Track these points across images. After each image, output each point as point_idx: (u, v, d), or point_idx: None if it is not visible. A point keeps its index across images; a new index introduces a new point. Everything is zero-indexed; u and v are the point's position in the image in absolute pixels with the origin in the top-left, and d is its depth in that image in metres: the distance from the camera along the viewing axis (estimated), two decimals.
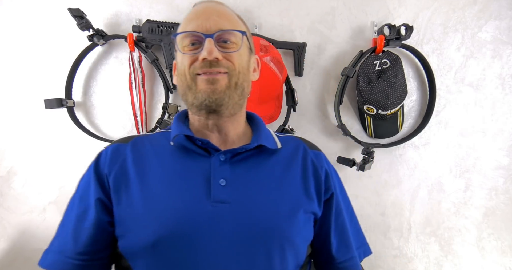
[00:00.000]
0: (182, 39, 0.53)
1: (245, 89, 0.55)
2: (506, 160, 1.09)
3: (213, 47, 0.50)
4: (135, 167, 0.53)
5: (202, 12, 0.53)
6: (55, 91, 1.00)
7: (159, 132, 0.63)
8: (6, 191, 1.04)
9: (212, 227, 0.47)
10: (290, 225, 0.52)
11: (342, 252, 0.60)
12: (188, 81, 0.52)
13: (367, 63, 1.00)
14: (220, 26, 0.52)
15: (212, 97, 0.51)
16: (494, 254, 1.11)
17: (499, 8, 1.04)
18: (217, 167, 0.52)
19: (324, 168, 0.60)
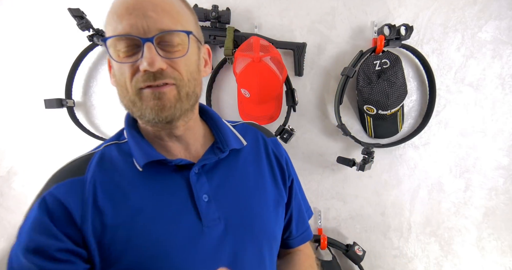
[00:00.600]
0: (114, 42, 0.43)
1: (198, 94, 0.49)
2: (506, 160, 1.09)
3: (154, 56, 0.41)
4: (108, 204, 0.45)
5: (134, 6, 0.42)
6: (55, 91, 1.00)
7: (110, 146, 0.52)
8: (6, 191, 1.04)
9: (211, 248, 0.47)
10: (274, 224, 0.55)
11: (299, 227, 0.63)
12: (131, 96, 0.44)
13: (367, 63, 1.00)
14: (159, 25, 0.42)
15: (162, 115, 0.44)
16: (494, 254, 1.11)
17: (499, 8, 1.04)
18: (196, 183, 0.49)
19: (284, 156, 0.61)
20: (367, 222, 1.10)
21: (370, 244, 1.11)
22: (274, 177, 0.58)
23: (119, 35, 0.42)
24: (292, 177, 0.61)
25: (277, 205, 0.57)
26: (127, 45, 0.43)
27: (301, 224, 0.64)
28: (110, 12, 0.44)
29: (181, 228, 0.46)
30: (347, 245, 1.05)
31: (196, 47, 0.48)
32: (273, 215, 0.55)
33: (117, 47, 0.43)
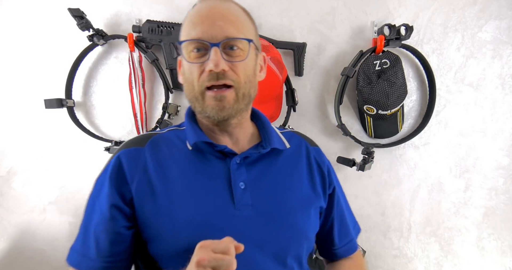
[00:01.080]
0: (187, 45, 0.52)
1: (252, 95, 0.57)
2: (506, 160, 1.09)
3: (219, 59, 0.49)
4: (156, 173, 0.53)
5: (206, 16, 0.52)
6: (55, 91, 1.00)
7: (171, 131, 0.62)
8: (6, 191, 1.04)
9: (239, 229, 0.51)
10: (306, 222, 0.58)
11: (342, 237, 0.67)
12: (196, 93, 0.53)
13: (367, 63, 1.00)
14: (226, 33, 0.50)
15: (221, 114, 0.52)
16: (494, 254, 1.11)
17: (499, 8, 1.04)
18: (235, 171, 0.55)
19: (326, 165, 0.65)
20: (367, 222, 1.10)
21: (370, 244, 1.11)
22: (313, 181, 0.62)
23: (192, 39, 0.51)
24: (334, 186, 0.65)
25: (310, 206, 0.60)
26: (196, 47, 0.51)
27: (344, 234, 0.67)
28: (187, 20, 0.55)
29: (215, 204, 0.52)
30: None
31: (254, 54, 0.56)
32: (305, 214, 0.58)
33: (188, 48, 0.52)
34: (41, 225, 1.05)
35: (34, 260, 1.05)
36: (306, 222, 0.58)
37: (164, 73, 0.99)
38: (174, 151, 0.57)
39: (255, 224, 0.52)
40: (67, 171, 1.04)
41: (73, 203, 1.05)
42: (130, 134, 1.04)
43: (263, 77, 0.62)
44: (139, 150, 0.56)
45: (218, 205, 0.52)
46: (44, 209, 1.05)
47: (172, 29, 0.97)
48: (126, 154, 0.55)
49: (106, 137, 1.03)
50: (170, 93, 1.01)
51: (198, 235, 0.48)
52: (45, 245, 1.05)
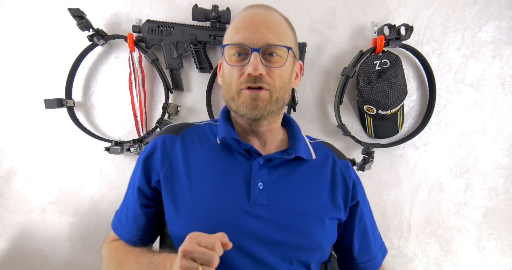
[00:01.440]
0: (229, 49, 0.56)
1: (285, 100, 0.59)
2: (506, 160, 1.09)
3: (258, 63, 0.52)
4: (183, 162, 0.58)
5: (250, 22, 0.55)
6: (55, 91, 1.00)
7: (207, 124, 0.66)
8: (6, 191, 1.04)
9: (251, 226, 0.53)
10: (319, 231, 0.58)
11: (362, 254, 0.66)
12: (233, 93, 0.56)
13: (367, 63, 1.00)
14: (267, 40, 0.53)
15: (253, 112, 0.55)
16: (494, 254, 1.11)
17: (499, 8, 1.04)
18: (257, 171, 0.57)
19: (352, 179, 0.66)
20: None
21: None
22: (334, 193, 0.62)
23: (234, 43, 0.54)
24: (358, 200, 0.65)
25: (325, 216, 0.60)
26: (237, 51, 0.55)
27: (365, 250, 0.67)
28: (231, 26, 0.58)
29: (231, 198, 0.55)
30: None
31: (292, 61, 0.59)
32: (319, 223, 0.59)
33: (230, 51, 0.55)
34: (41, 225, 1.05)
35: (34, 260, 1.05)
36: (320, 231, 0.58)
37: (164, 73, 0.99)
38: (204, 143, 0.61)
39: (267, 224, 0.54)
40: (67, 171, 1.04)
41: (73, 203, 1.05)
42: (130, 134, 1.04)
43: (297, 84, 0.64)
44: (173, 138, 0.61)
45: (234, 200, 0.55)
46: (44, 209, 1.05)
47: (172, 29, 0.97)
48: (162, 140, 0.61)
49: (106, 137, 1.03)
50: (170, 93, 1.01)
51: (211, 225, 0.52)
52: (45, 245, 1.05)
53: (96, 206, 1.06)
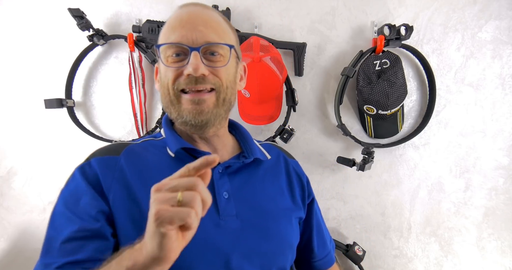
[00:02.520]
0: (165, 49, 0.50)
1: (232, 102, 0.55)
2: (506, 160, 1.09)
3: (199, 63, 0.47)
4: (136, 182, 0.50)
5: (186, 20, 0.50)
6: (55, 91, 1.00)
7: (146, 142, 0.59)
8: (6, 191, 1.04)
9: (226, 240, 0.49)
10: (289, 231, 0.57)
11: (321, 249, 0.66)
12: (171, 97, 0.50)
13: (367, 63, 1.00)
14: (206, 38, 0.49)
15: (198, 118, 0.50)
16: (494, 254, 1.11)
17: (499, 8, 1.04)
18: (218, 180, 0.53)
19: (305, 176, 0.66)
20: (367, 222, 1.10)
21: (370, 244, 1.11)
22: (292, 192, 0.62)
23: (171, 43, 0.49)
24: (313, 196, 0.66)
25: (291, 216, 0.60)
26: (175, 51, 0.49)
27: (322, 245, 0.67)
28: (166, 25, 0.52)
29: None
30: (347, 245, 1.05)
31: (235, 61, 0.55)
32: (288, 223, 0.58)
33: (167, 52, 0.50)
34: (41, 225, 1.05)
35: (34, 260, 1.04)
36: (289, 231, 0.58)
37: None
38: (155, 159, 0.53)
39: (241, 234, 0.51)
40: (67, 171, 1.03)
41: None
42: (130, 134, 1.04)
43: (243, 86, 0.60)
44: (114, 159, 0.52)
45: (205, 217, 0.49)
46: (44, 209, 1.05)
47: None
48: (99, 162, 0.51)
49: (106, 137, 1.03)
50: None
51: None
52: None
53: None
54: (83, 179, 0.49)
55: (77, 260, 0.44)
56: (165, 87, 0.51)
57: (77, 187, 0.49)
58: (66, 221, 0.46)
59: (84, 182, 0.49)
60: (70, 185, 0.51)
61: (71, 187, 0.50)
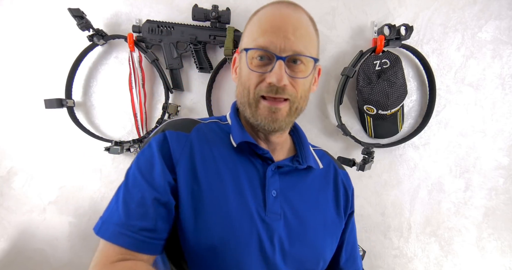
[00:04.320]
0: (252, 51, 0.51)
1: (303, 109, 0.56)
2: (506, 160, 1.09)
3: (283, 73, 0.48)
4: (201, 162, 0.52)
5: (278, 25, 0.50)
6: (55, 91, 1.00)
7: (213, 123, 0.61)
8: (6, 191, 1.04)
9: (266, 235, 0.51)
10: (325, 242, 0.58)
11: (349, 264, 0.65)
12: (251, 100, 0.52)
13: (367, 63, 1.00)
14: (294, 48, 0.49)
15: (272, 125, 0.52)
16: (494, 254, 1.11)
17: (499, 8, 1.04)
18: (270, 178, 0.55)
19: (352, 189, 0.66)
20: (367, 222, 1.10)
21: (370, 244, 1.11)
22: (337, 204, 0.62)
23: (259, 48, 0.50)
24: (353, 209, 0.66)
25: (333, 228, 0.60)
26: (261, 55, 0.50)
27: (352, 261, 0.66)
28: (256, 23, 0.52)
29: (250, 206, 0.51)
30: None
31: (315, 69, 0.55)
32: (327, 235, 0.58)
33: (252, 55, 0.51)
34: (41, 225, 1.05)
35: (34, 260, 1.05)
36: (326, 242, 0.58)
37: (164, 73, 0.99)
38: (219, 145, 0.56)
39: (281, 233, 0.52)
40: (67, 171, 1.04)
41: (73, 203, 1.05)
42: (130, 134, 1.04)
43: (315, 89, 0.61)
44: (185, 136, 0.54)
45: (253, 207, 0.52)
46: (44, 209, 1.05)
47: (172, 29, 0.97)
48: (172, 135, 0.53)
49: (106, 137, 1.03)
50: (170, 93, 1.01)
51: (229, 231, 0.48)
52: (45, 245, 1.05)
53: (96, 206, 1.06)
54: (158, 149, 0.51)
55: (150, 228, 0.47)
56: (246, 89, 0.52)
57: (151, 156, 0.51)
58: (141, 188, 0.49)
59: (158, 152, 0.51)
60: (146, 152, 0.53)
61: (147, 154, 0.52)
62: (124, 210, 0.48)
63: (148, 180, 0.50)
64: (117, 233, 0.46)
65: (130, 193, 0.49)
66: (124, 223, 0.46)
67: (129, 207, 0.48)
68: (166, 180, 0.50)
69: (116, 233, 0.46)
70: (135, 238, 0.46)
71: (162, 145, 0.52)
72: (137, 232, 0.46)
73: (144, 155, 0.53)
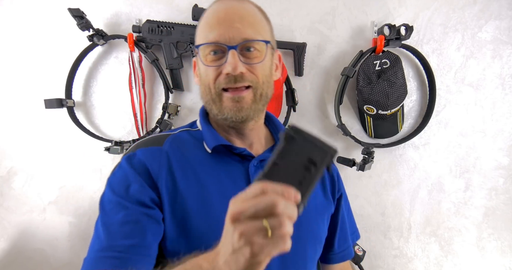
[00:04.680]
0: (204, 48, 0.52)
1: (269, 95, 0.56)
2: (506, 160, 1.08)
3: (237, 62, 0.49)
4: (181, 174, 0.52)
5: (224, 18, 0.51)
6: (55, 91, 1.00)
7: (184, 132, 0.60)
8: (6, 191, 1.04)
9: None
10: (320, 227, 0.59)
11: (341, 243, 0.67)
12: (213, 95, 0.52)
13: (367, 63, 1.00)
14: (243, 35, 0.50)
15: (239, 115, 0.52)
16: (494, 254, 1.11)
17: (499, 8, 1.04)
18: (254, 174, 0.54)
19: (336, 171, 0.66)
20: (367, 222, 1.10)
21: (370, 244, 1.11)
22: (324, 187, 0.63)
23: (209, 43, 0.50)
24: (342, 192, 0.66)
25: (324, 212, 0.61)
26: (213, 49, 0.51)
27: (343, 240, 0.67)
28: (203, 22, 0.54)
29: None
30: None
31: (270, 53, 0.56)
32: (319, 219, 0.59)
33: (205, 51, 0.51)
34: (41, 225, 1.05)
35: (34, 260, 1.05)
36: (320, 227, 0.59)
37: (164, 73, 0.99)
38: (194, 153, 0.55)
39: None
40: (67, 171, 1.04)
41: (73, 203, 1.05)
42: (130, 134, 1.04)
43: (278, 76, 0.61)
44: (158, 149, 0.54)
45: None
46: (44, 209, 1.05)
47: (172, 29, 0.97)
48: (144, 152, 0.53)
49: (106, 137, 1.03)
50: (170, 93, 1.01)
51: (220, 236, 0.47)
52: (45, 245, 1.05)
53: (96, 206, 1.05)
54: (132, 168, 0.51)
55: (140, 245, 0.46)
56: (206, 86, 0.53)
57: (125, 175, 0.51)
58: (118, 206, 0.48)
59: (132, 170, 0.51)
60: (117, 173, 0.52)
61: (118, 175, 0.52)
62: (105, 234, 0.46)
63: (126, 197, 0.49)
64: (98, 258, 0.44)
65: (109, 216, 0.48)
66: (108, 246, 0.45)
67: (110, 230, 0.47)
68: (148, 195, 0.49)
69: (97, 258, 0.45)
70: (123, 258, 0.44)
71: (136, 164, 0.51)
72: (126, 251, 0.45)
73: (117, 177, 0.52)
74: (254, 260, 0.29)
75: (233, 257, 0.30)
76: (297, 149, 0.34)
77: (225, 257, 0.31)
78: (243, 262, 0.30)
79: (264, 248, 0.29)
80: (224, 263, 0.32)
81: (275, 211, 0.29)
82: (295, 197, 0.31)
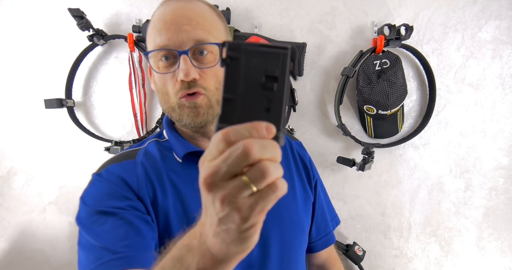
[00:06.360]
0: (154, 54, 0.50)
1: None
2: (506, 160, 1.08)
3: (189, 68, 0.47)
4: (159, 185, 0.51)
5: (171, 21, 0.48)
6: (55, 91, 1.00)
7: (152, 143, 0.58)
8: (6, 191, 1.04)
9: None
10: (304, 216, 0.59)
11: (321, 230, 0.66)
12: (172, 103, 0.51)
13: (367, 63, 1.00)
14: (194, 37, 0.47)
15: (197, 120, 0.51)
16: (494, 254, 1.11)
17: (499, 8, 1.04)
18: None
19: (308, 158, 0.65)
20: (367, 222, 1.10)
21: (370, 244, 1.11)
22: (300, 176, 0.62)
23: (158, 49, 0.48)
24: (316, 179, 0.65)
25: (306, 201, 0.61)
26: (165, 56, 0.49)
27: (323, 228, 0.67)
28: (151, 26, 0.51)
29: None
30: (347, 245, 1.05)
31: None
32: (302, 208, 0.59)
33: (156, 57, 0.49)
34: (41, 225, 1.05)
35: (34, 260, 1.05)
36: (303, 216, 0.59)
37: None
38: (167, 165, 0.54)
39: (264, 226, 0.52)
40: (67, 171, 1.04)
41: (73, 203, 1.05)
42: (130, 134, 1.04)
43: None
44: (133, 162, 0.53)
45: None
46: (44, 209, 1.05)
47: None
48: (118, 167, 0.52)
49: (106, 137, 1.03)
50: None
51: None
52: (45, 245, 1.05)
53: None
54: (106, 181, 0.50)
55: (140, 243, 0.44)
56: (165, 94, 0.51)
57: (100, 189, 0.49)
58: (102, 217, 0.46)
59: (108, 183, 0.49)
60: (91, 189, 0.51)
61: (93, 190, 0.50)
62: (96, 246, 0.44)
63: (109, 206, 0.46)
64: (99, 266, 0.42)
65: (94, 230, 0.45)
66: (105, 252, 0.43)
67: (102, 239, 0.44)
68: (130, 204, 0.47)
69: (97, 266, 0.42)
70: (127, 257, 0.42)
71: (112, 178, 0.50)
72: (128, 251, 0.43)
73: (91, 192, 0.50)
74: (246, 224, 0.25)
75: (222, 228, 0.26)
76: (245, 69, 0.26)
77: (213, 229, 0.26)
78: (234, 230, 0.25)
79: (254, 208, 0.23)
80: (214, 235, 0.27)
81: (250, 158, 0.22)
82: (268, 130, 0.23)
